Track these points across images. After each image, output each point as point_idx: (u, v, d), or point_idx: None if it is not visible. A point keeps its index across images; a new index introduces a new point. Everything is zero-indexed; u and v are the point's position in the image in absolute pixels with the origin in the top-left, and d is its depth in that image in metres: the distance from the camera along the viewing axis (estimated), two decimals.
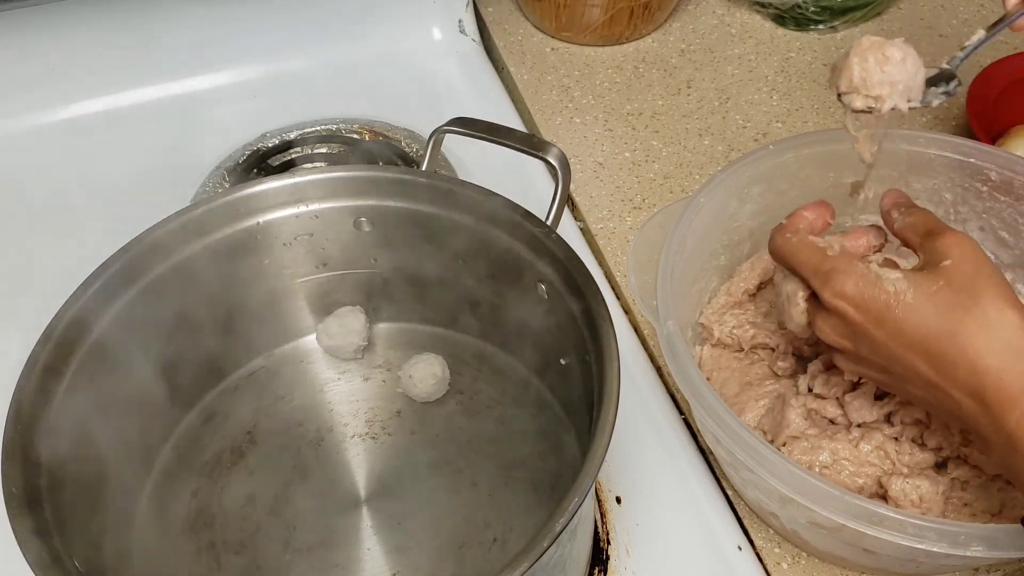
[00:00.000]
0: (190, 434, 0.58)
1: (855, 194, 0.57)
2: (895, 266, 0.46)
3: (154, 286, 0.53)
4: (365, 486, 0.57)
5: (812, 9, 0.91)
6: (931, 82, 0.51)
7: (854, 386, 0.54)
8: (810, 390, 0.55)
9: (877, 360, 0.45)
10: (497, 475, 0.56)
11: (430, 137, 0.58)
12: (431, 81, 0.89)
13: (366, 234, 0.58)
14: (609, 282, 0.73)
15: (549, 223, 0.53)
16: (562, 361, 0.55)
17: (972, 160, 0.58)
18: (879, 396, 0.53)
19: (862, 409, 0.53)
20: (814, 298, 0.48)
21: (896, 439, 0.52)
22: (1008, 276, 0.58)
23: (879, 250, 0.50)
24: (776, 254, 0.49)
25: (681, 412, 0.63)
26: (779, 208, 0.62)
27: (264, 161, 0.80)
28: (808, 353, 0.58)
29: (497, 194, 0.53)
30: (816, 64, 0.90)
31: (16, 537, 0.40)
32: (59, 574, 0.39)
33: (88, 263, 0.50)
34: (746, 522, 0.58)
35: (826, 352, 0.55)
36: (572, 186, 0.76)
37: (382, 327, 0.64)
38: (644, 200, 0.77)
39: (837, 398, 0.54)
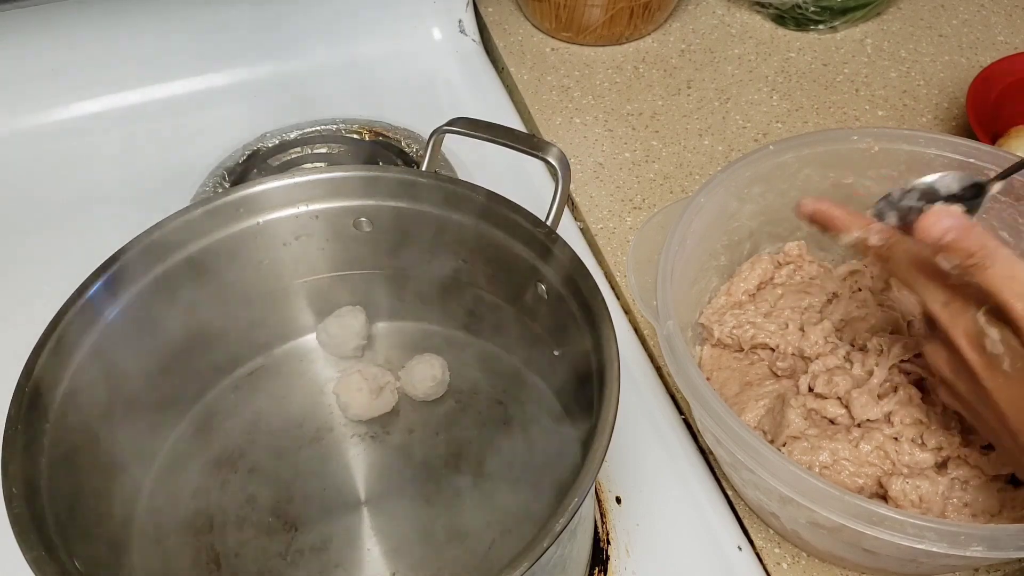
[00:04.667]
0: (190, 434, 0.58)
1: None
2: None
3: (154, 286, 0.53)
4: (365, 486, 0.57)
5: (812, 9, 0.91)
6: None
7: (857, 385, 0.54)
8: (811, 390, 0.55)
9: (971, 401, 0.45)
10: (497, 475, 0.56)
11: (430, 137, 0.58)
12: (431, 81, 0.89)
13: (366, 234, 0.58)
14: (609, 282, 0.73)
15: (549, 223, 0.53)
16: (556, 353, 0.55)
17: (972, 160, 0.58)
18: (882, 395, 0.53)
19: (867, 406, 0.52)
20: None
21: (896, 439, 0.52)
22: None
23: None
24: (900, 257, 0.46)
25: (681, 412, 0.63)
26: (779, 208, 0.62)
27: (264, 161, 0.80)
28: (810, 354, 0.58)
29: (497, 194, 0.53)
30: (816, 64, 0.90)
31: (16, 537, 0.40)
32: (59, 574, 0.39)
33: (88, 263, 0.50)
34: (746, 522, 0.58)
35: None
36: (572, 186, 0.76)
37: (382, 327, 0.64)
38: (644, 200, 0.77)
39: (839, 397, 0.54)
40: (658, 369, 0.66)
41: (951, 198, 0.51)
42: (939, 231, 0.42)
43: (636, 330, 0.69)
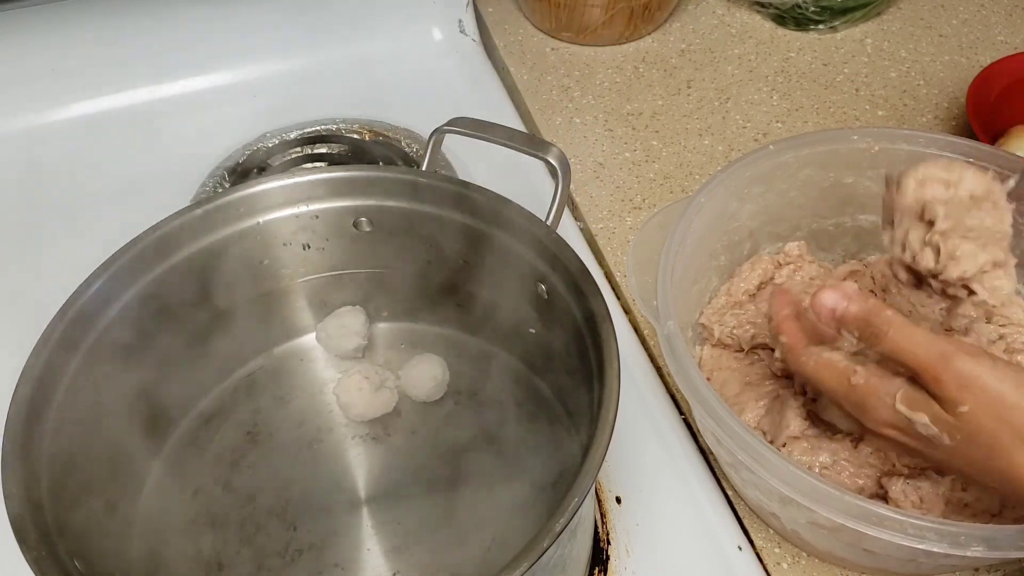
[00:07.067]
0: (190, 434, 0.58)
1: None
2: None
3: (154, 286, 0.53)
4: (365, 486, 0.57)
5: (812, 9, 0.91)
6: None
7: None
8: (804, 393, 0.55)
9: (935, 458, 0.44)
10: (497, 475, 0.56)
11: (430, 137, 0.58)
12: (431, 81, 0.89)
13: (366, 234, 0.58)
14: (609, 282, 0.73)
15: (549, 223, 0.53)
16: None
17: (972, 160, 0.58)
18: None
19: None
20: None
21: None
22: None
23: None
24: (802, 376, 0.47)
25: (681, 412, 0.63)
26: (779, 208, 0.62)
27: (264, 161, 0.80)
28: None
29: (497, 194, 0.53)
30: (816, 64, 0.90)
31: (16, 537, 0.40)
32: (59, 574, 0.39)
33: (88, 263, 0.50)
34: (746, 522, 0.58)
35: None
36: (572, 186, 0.76)
37: (382, 327, 0.64)
38: (644, 200, 0.77)
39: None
40: (658, 369, 0.66)
41: None
42: (830, 306, 0.43)
43: (636, 330, 0.69)
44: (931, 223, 0.45)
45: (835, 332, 0.45)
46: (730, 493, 0.59)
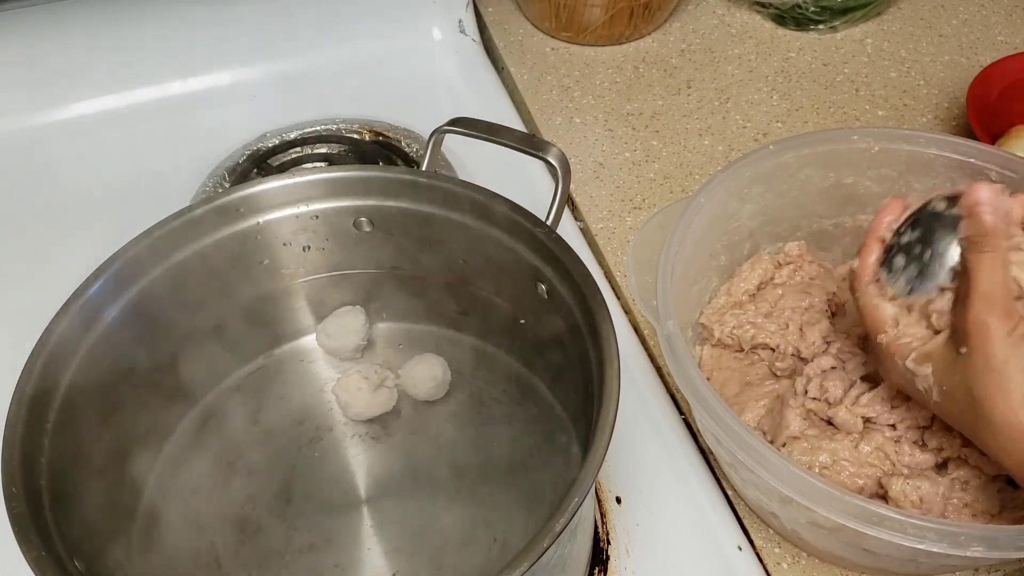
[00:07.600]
0: (191, 434, 0.58)
1: None
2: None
3: (154, 286, 0.53)
4: (365, 486, 0.57)
5: (812, 9, 0.91)
6: None
7: (847, 392, 0.54)
8: (806, 392, 0.55)
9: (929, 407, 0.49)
10: (497, 475, 0.56)
11: (430, 137, 0.58)
12: (431, 81, 0.89)
13: (366, 234, 0.58)
14: (609, 282, 0.73)
15: (549, 223, 0.53)
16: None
17: (972, 160, 0.58)
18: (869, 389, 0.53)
19: (846, 422, 0.52)
20: None
21: (896, 440, 0.52)
22: None
23: None
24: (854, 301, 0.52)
25: (681, 412, 0.63)
26: (779, 208, 0.62)
27: (264, 161, 0.80)
28: (806, 355, 0.58)
29: (497, 194, 0.53)
30: (816, 64, 0.90)
31: (16, 537, 0.40)
32: (59, 574, 0.39)
33: (88, 263, 0.50)
34: (746, 522, 0.58)
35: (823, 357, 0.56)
36: (572, 186, 0.76)
37: (382, 327, 0.64)
38: (644, 200, 0.77)
39: (828, 402, 0.54)
40: (658, 369, 0.66)
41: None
42: (978, 199, 0.45)
43: (636, 330, 0.68)
44: None
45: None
46: (730, 493, 0.59)
